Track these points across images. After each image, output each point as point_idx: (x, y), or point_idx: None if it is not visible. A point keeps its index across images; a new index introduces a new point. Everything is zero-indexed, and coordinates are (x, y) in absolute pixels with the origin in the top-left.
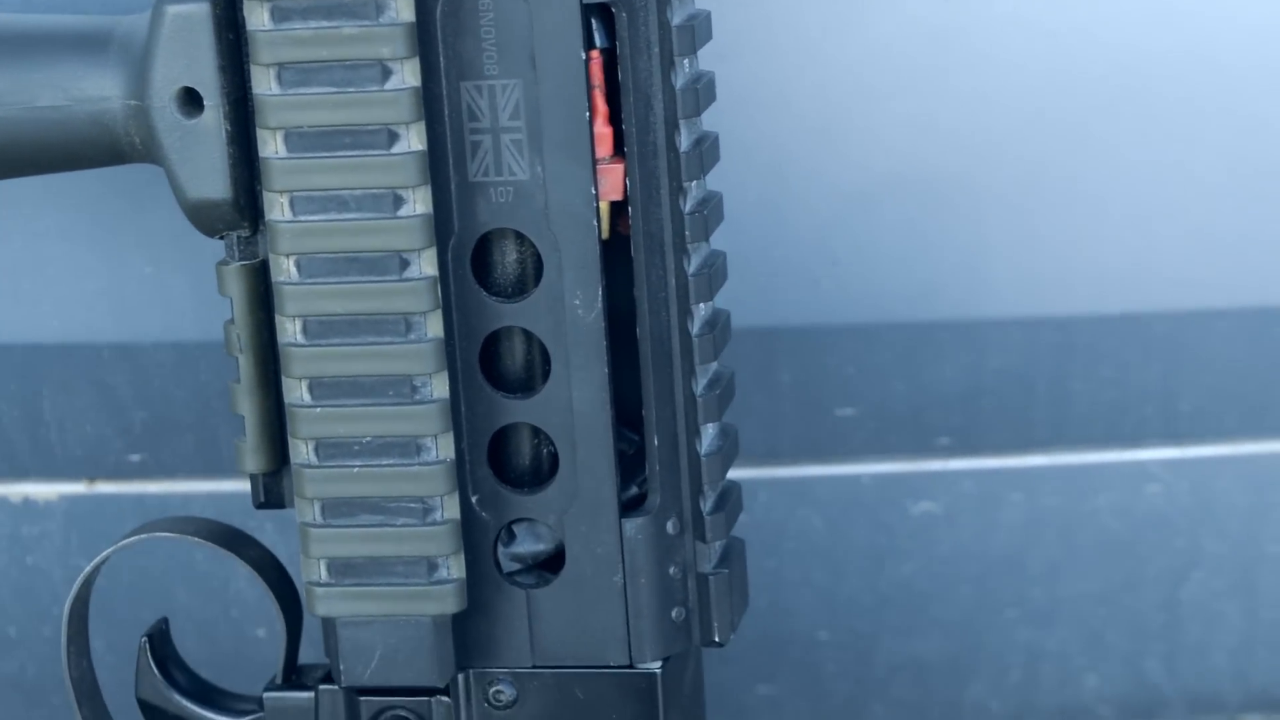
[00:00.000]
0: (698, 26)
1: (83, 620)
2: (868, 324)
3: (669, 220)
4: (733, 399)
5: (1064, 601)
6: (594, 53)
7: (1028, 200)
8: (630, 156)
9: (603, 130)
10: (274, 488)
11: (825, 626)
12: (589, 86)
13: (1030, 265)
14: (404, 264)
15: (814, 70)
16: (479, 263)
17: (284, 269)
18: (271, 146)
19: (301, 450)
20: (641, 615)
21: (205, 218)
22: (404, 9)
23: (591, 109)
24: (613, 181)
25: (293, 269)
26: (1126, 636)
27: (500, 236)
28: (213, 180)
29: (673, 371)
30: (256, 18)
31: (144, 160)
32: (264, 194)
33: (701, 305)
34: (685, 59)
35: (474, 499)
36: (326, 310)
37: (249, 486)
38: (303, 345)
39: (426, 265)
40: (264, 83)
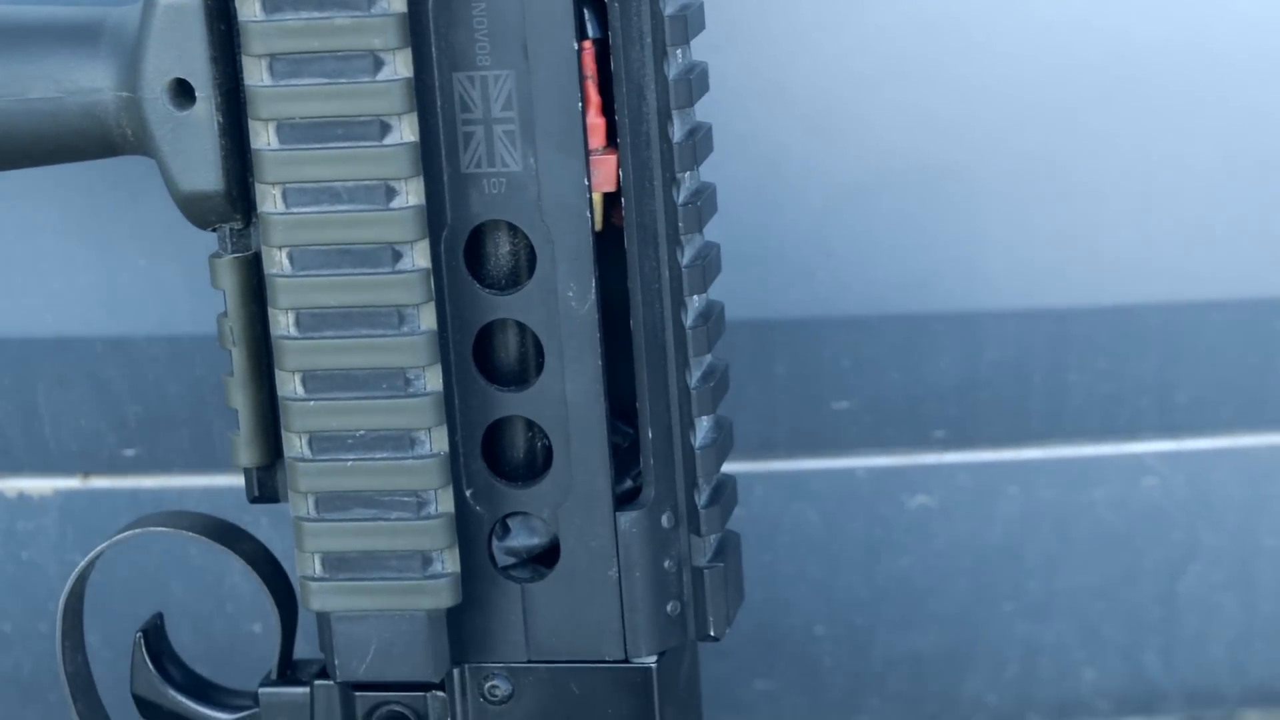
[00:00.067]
0: (690, 16)
1: (77, 615)
2: (863, 316)
3: (662, 212)
4: (727, 391)
5: (1061, 595)
6: (586, 43)
7: (1023, 192)
8: (623, 147)
9: (595, 121)
10: (268, 482)
11: (821, 621)
12: (581, 77)
13: (1026, 257)
14: (397, 256)
15: (808, 61)
16: (472, 255)
17: (276, 261)
18: (263, 138)
19: (295, 444)
20: (636, 609)
21: (197, 210)
22: None
23: (584, 100)
24: (606, 173)
25: (285, 261)
26: (1124, 630)
27: (493, 228)
28: (205, 172)
29: (666, 364)
30: (248, 8)
31: (136, 152)
32: (256, 186)
33: (695, 297)
34: (678, 49)
35: (468, 493)
36: (319, 303)
37: (243, 481)
38: (295, 338)
39: (419, 257)
40: (256, 74)
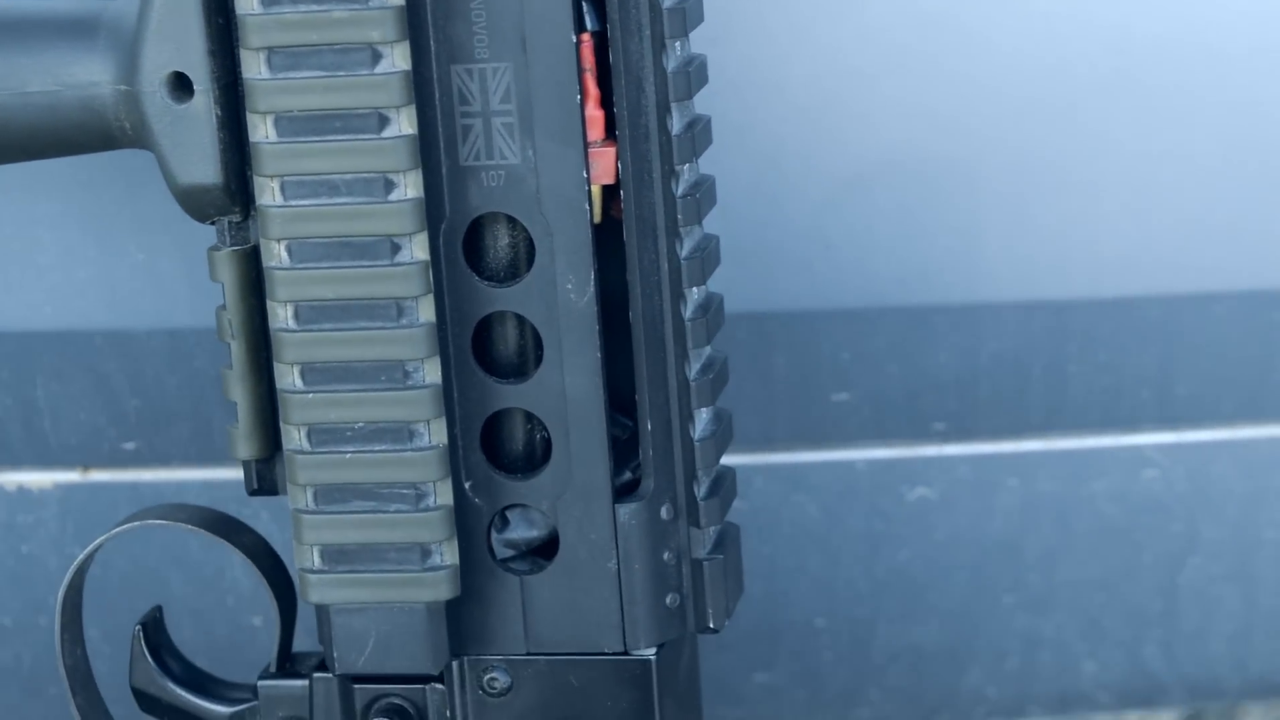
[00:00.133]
0: (689, 9)
1: (76, 608)
2: (863, 309)
3: (661, 204)
4: (726, 383)
5: (1061, 588)
6: (585, 35)
7: (1022, 184)
8: (622, 140)
9: (594, 113)
10: (267, 474)
11: (822, 614)
12: (580, 69)
13: (1025, 250)
14: (395, 249)
15: (807, 54)
16: (471, 247)
17: (275, 254)
18: (262, 131)
19: (294, 436)
20: (636, 601)
21: (196, 203)
22: None
23: (583, 92)
24: (604, 165)
25: (284, 254)
26: (1124, 622)
27: (492, 221)
28: (203, 165)
29: (666, 356)
30: (246, 2)
31: (135, 146)
32: (255, 179)
33: (694, 289)
34: (677, 41)
35: (467, 485)
36: (318, 295)
37: (242, 474)
38: (294, 330)
39: (418, 250)
40: (254, 67)
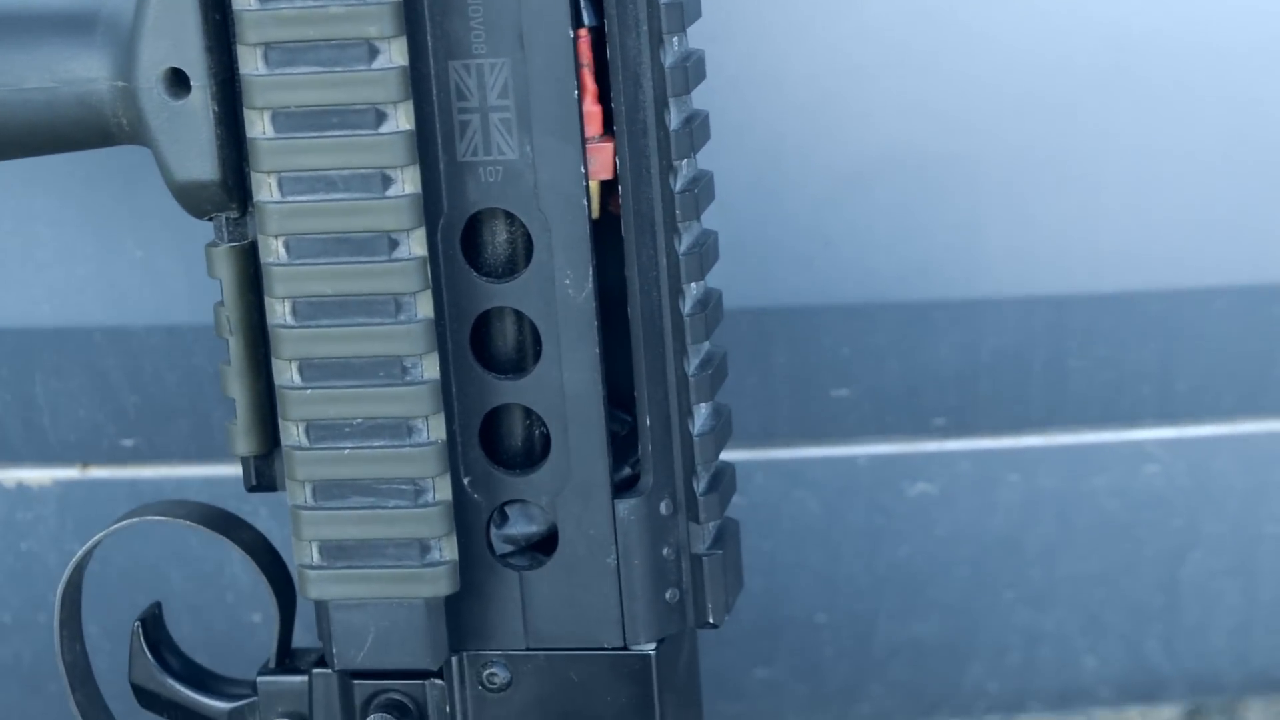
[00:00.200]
0: (686, 4)
1: (76, 605)
2: (862, 304)
3: (659, 199)
4: (725, 379)
5: (1062, 583)
6: (582, 31)
7: (1022, 179)
8: (620, 135)
9: (592, 109)
10: (265, 470)
11: (822, 609)
12: (577, 65)
13: (1025, 245)
14: (393, 244)
15: (806, 50)
16: (469, 243)
17: (273, 250)
18: (259, 127)
19: (292, 432)
20: (635, 597)
21: (193, 199)
22: None
23: (580, 87)
24: (602, 160)
25: (281, 250)
26: (1125, 618)
27: (490, 216)
28: (200, 161)
29: (664, 351)
30: None
31: (132, 142)
32: (252, 175)
33: (693, 284)
34: (674, 36)
35: (466, 480)
36: (316, 291)
37: (241, 470)
38: (292, 327)
39: (416, 245)
40: (251, 63)
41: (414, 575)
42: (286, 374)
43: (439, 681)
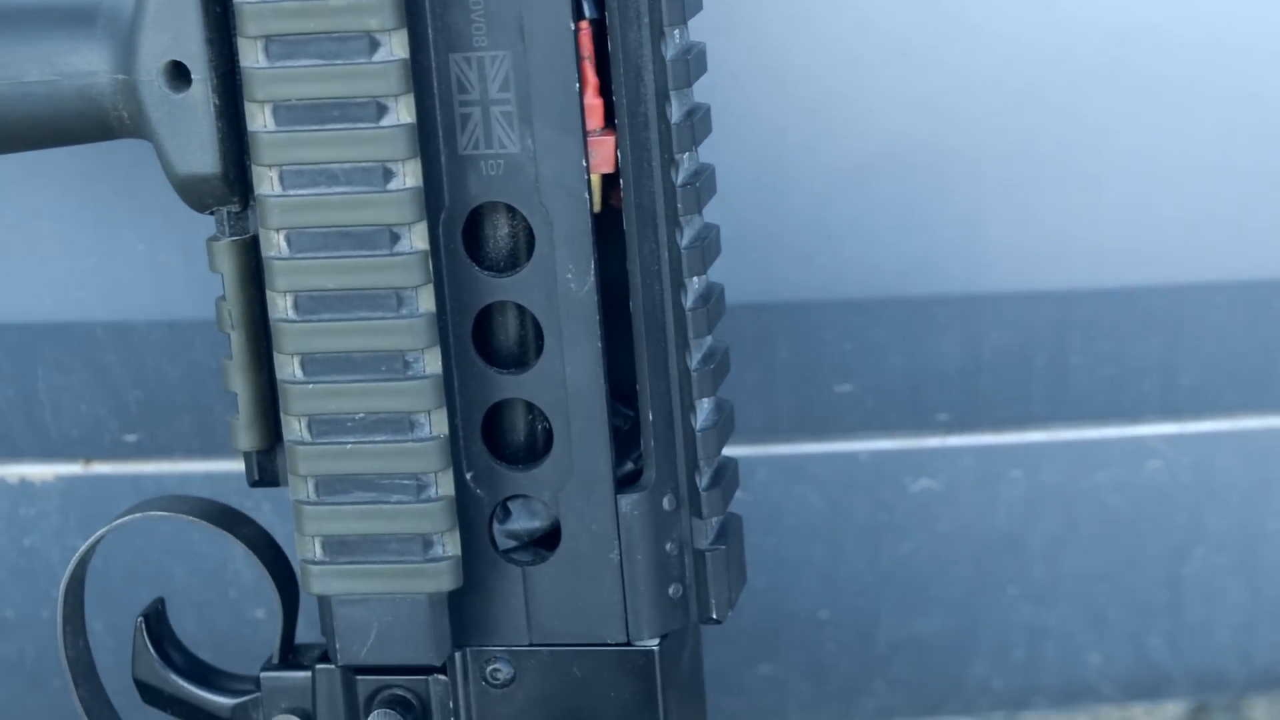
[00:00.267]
0: None
1: (78, 600)
2: (864, 299)
3: (661, 193)
4: (728, 374)
5: (1065, 579)
6: (583, 23)
7: (1024, 174)
8: (621, 128)
9: (593, 102)
10: (268, 465)
11: (825, 605)
12: (578, 58)
13: (1028, 240)
14: (394, 238)
15: (808, 44)
16: (470, 237)
17: (274, 244)
18: (260, 120)
19: (294, 427)
20: (638, 592)
21: (195, 193)
22: None
23: (581, 80)
24: (604, 154)
25: (283, 244)
26: (1129, 614)
27: (491, 210)
28: (201, 155)
29: (666, 345)
30: None
31: (133, 135)
32: (253, 168)
33: (695, 279)
34: (675, 29)
35: (468, 475)
36: (317, 285)
37: (243, 465)
38: (294, 321)
39: (417, 239)
40: (251, 55)
41: (417, 570)
42: (288, 368)
43: (442, 677)
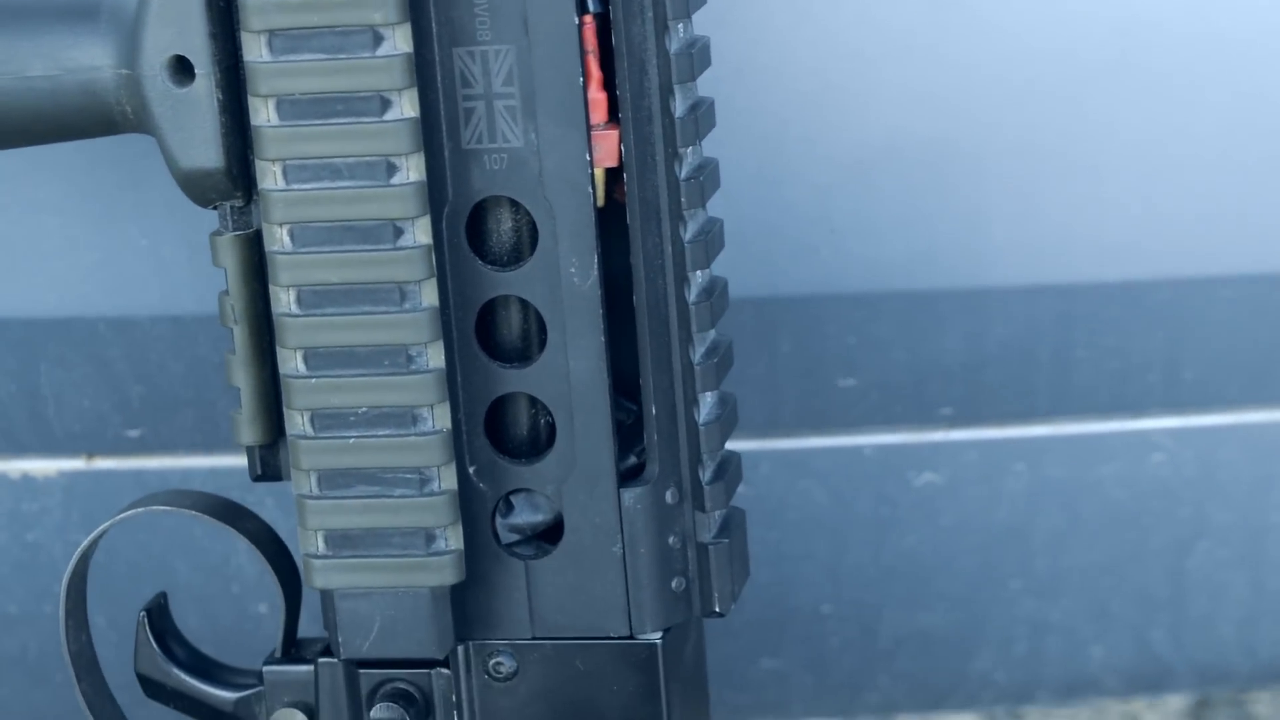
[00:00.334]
0: None
1: (81, 594)
2: (868, 293)
3: (665, 187)
4: (731, 367)
5: (1069, 572)
6: (587, 17)
7: (1028, 168)
8: (625, 122)
9: (597, 96)
10: (271, 460)
11: (828, 600)
12: (582, 51)
13: (1032, 234)
14: (398, 232)
15: (811, 38)
16: (474, 231)
17: (277, 238)
18: (263, 114)
19: (297, 421)
20: (641, 585)
21: (198, 187)
22: None
23: (585, 74)
24: (607, 148)
25: (286, 238)
26: (1132, 607)
27: (495, 204)
28: (205, 149)
29: (670, 339)
30: None
31: (136, 130)
32: (256, 162)
33: (698, 272)
34: (679, 23)
35: (471, 470)
36: (321, 280)
37: (246, 460)
38: (297, 315)
39: (420, 234)
40: (255, 50)
41: (419, 564)
42: (291, 363)
43: (445, 671)
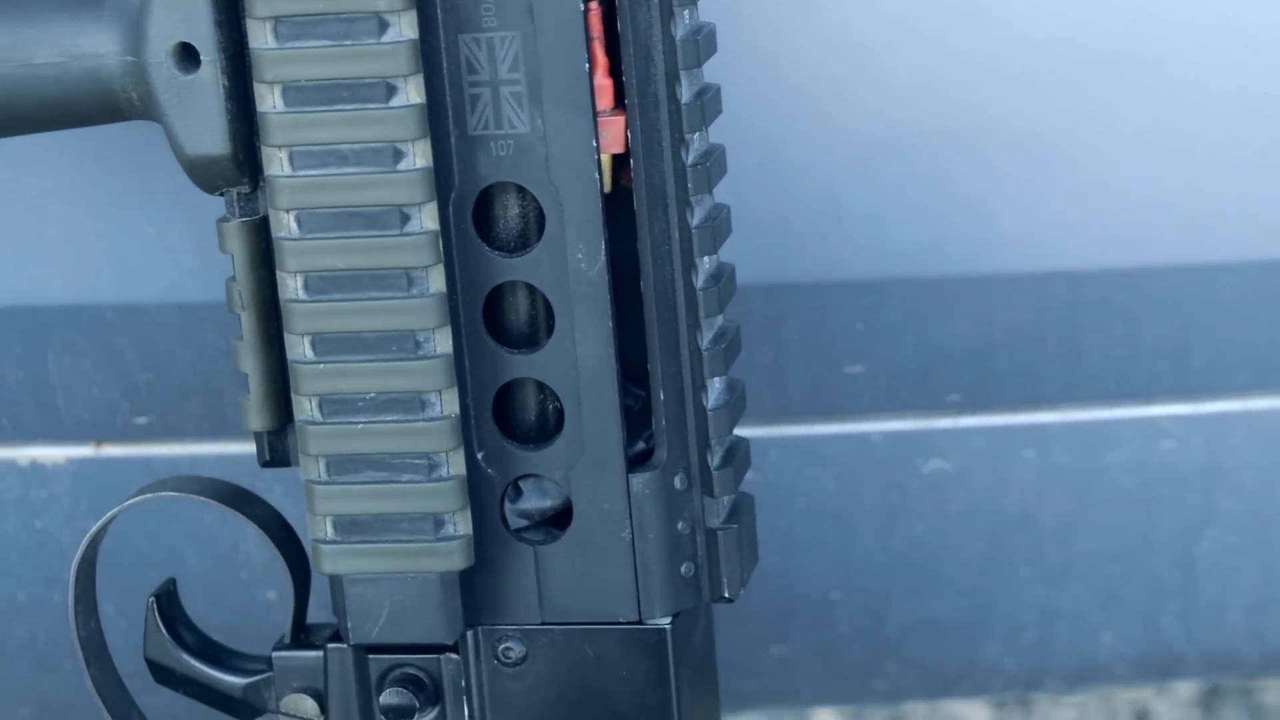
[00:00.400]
0: None
1: (90, 580)
2: (875, 280)
3: (671, 173)
4: (739, 353)
5: (1078, 559)
6: (592, 3)
7: (1034, 155)
8: (631, 108)
9: (603, 82)
10: (279, 446)
11: (837, 586)
12: (588, 38)
13: (1039, 220)
14: (405, 219)
15: (817, 26)
16: (481, 217)
17: (284, 224)
18: (269, 101)
19: (305, 407)
20: (650, 571)
21: (205, 174)
22: None
23: (591, 61)
24: (614, 134)
25: (293, 224)
26: (1141, 594)
27: (501, 190)
28: (211, 136)
29: (678, 325)
30: None
31: (142, 117)
32: (263, 149)
33: (705, 258)
34: (685, 10)
35: (479, 455)
36: (327, 265)
37: (254, 447)
38: (304, 301)
39: (427, 220)
40: (260, 36)
41: (428, 550)
42: (299, 349)
43: (454, 656)
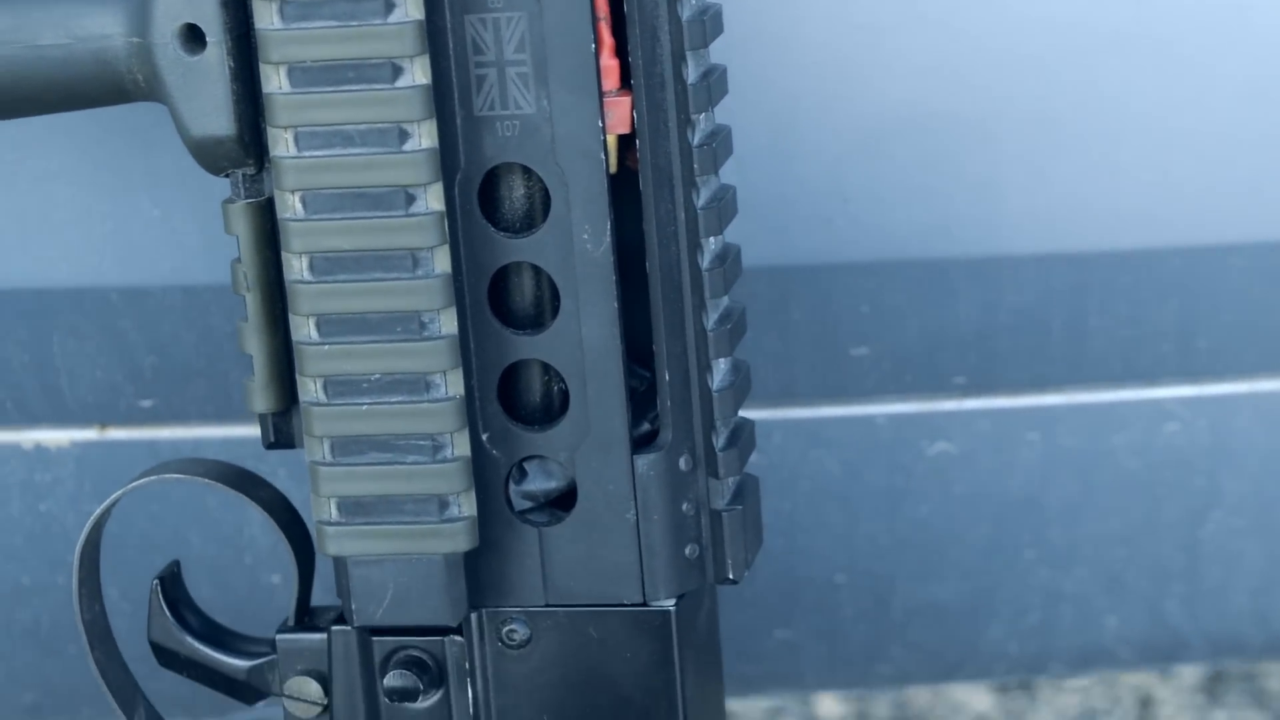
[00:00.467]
0: None
1: (94, 563)
2: (881, 262)
3: (677, 153)
4: (744, 334)
5: (1082, 542)
6: None
7: (1040, 136)
8: (637, 89)
9: (609, 63)
10: (283, 427)
11: (841, 569)
12: (594, 18)
13: (1045, 202)
14: (410, 199)
15: (824, 6)
16: (486, 198)
17: (290, 205)
18: (275, 82)
19: (310, 388)
20: (655, 552)
21: (210, 155)
22: None
23: (597, 41)
24: (620, 114)
25: (298, 205)
26: (1146, 577)
27: (507, 171)
28: (217, 117)
29: (683, 306)
30: None
31: (147, 98)
32: (268, 130)
33: (711, 239)
34: None
35: (484, 436)
36: (333, 246)
37: (259, 429)
38: (309, 282)
39: (433, 200)
40: (266, 17)
41: (433, 531)
42: (304, 330)
43: (458, 638)
